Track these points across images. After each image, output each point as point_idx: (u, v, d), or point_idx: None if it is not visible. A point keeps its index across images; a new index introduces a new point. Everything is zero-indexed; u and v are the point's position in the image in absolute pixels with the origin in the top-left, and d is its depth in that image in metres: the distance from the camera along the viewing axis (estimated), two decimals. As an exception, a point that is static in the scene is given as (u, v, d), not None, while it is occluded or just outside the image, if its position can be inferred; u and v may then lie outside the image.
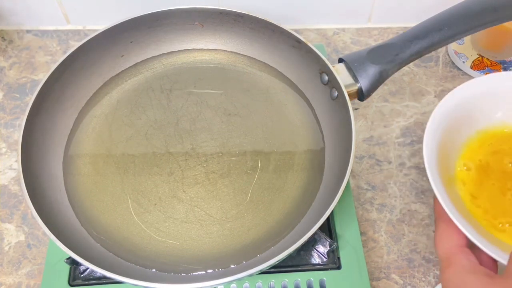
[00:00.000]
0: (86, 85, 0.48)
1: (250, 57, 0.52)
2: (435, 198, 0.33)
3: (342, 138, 0.41)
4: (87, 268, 0.40)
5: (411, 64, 0.56)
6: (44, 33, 0.59)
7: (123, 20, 0.46)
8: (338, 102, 0.43)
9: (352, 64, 0.42)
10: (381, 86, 0.44)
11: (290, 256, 0.35)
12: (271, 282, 0.40)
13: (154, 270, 0.38)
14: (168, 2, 0.48)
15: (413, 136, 0.52)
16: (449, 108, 0.37)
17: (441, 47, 0.42)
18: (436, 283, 0.42)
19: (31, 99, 0.41)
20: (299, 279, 0.40)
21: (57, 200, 0.41)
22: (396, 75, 0.56)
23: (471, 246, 0.32)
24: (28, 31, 0.59)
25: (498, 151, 0.39)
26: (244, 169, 0.44)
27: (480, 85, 0.39)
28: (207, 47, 0.52)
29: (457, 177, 0.37)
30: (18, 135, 0.40)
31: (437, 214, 0.34)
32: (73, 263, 0.39)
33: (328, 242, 0.40)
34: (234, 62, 0.51)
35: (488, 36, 0.55)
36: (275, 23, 0.47)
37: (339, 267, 0.41)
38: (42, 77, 0.44)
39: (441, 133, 0.36)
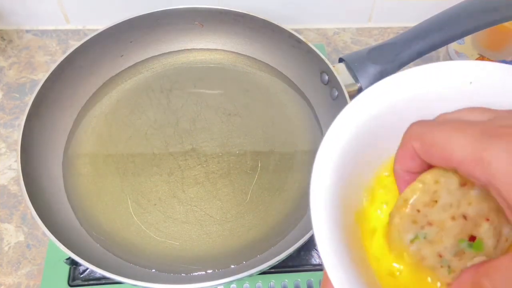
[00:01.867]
0: (86, 85, 0.48)
1: (250, 57, 0.52)
2: None
3: (342, 138, 0.41)
4: (87, 269, 0.40)
5: (411, 64, 0.56)
6: (44, 32, 0.59)
7: (123, 20, 0.46)
8: (338, 102, 0.43)
9: (352, 64, 0.42)
10: (381, 86, 0.44)
11: (290, 256, 0.35)
12: (271, 283, 0.40)
13: (154, 270, 0.38)
14: (168, 2, 0.48)
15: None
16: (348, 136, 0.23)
17: (441, 47, 0.42)
18: None
19: (30, 99, 0.41)
20: (299, 280, 0.40)
21: (57, 200, 0.41)
22: (397, 75, 0.56)
23: None
24: (27, 31, 0.59)
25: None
26: (244, 169, 0.44)
27: (384, 97, 0.23)
28: (207, 47, 0.52)
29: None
30: (17, 135, 0.40)
31: (323, 283, 0.22)
32: (72, 263, 0.39)
33: (328, 243, 0.40)
34: (234, 62, 0.51)
35: (489, 36, 0.55)
36: (275, 23, 0.47)
37: (339, 268, 0.41)
38: (42, 77, 0.44)
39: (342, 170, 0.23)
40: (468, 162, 0.16)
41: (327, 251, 0.19)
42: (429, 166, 0.20)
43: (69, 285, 0.40)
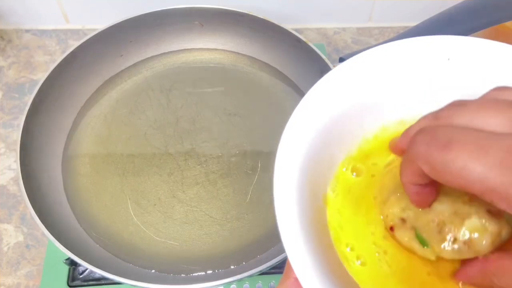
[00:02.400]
0: (85, 85, 0.48)
1: (250, 56, 0.51)
2: None
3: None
4: (86, 269, 0.40)
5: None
6: (43, 32, 0.59)
7: (122, 20, 0.46)
8: (338, 102, 0.43)
9: (352, 63, 0.42)
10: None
11: (290, 257, 0.34)
12: (271, 283, 0.40)
13: (153, 271, 0.38)
14: (168, 1, 0.47)
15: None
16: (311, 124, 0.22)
17: (442, 46, 0.42)
18: None
19: (30, 98, 0.41)
20: (300, 280, 0.40)
21: (56, 201, 0.41)
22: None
23: None
24: (27, 31, 0.59)
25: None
26: (244, 169, 0.44)
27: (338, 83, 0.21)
28: (207, 47, 0.52)
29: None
30: (17, 135, 0.40)
31: (286, 269, 0.22)
32: (72, 263, 0.39)
33: (328, 243, 0.40)
34: (234, 62, 0.51)
35: (489, 36, 0.55)
36: (276, 22, 0.46)
37: (339, 268, 0.41)
38: (41, 76, 0.44)
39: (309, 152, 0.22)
40: (491, 194, 0.14)
41: (290, 236, 0.18)
42: None
43: (69, 285, 0.40)
